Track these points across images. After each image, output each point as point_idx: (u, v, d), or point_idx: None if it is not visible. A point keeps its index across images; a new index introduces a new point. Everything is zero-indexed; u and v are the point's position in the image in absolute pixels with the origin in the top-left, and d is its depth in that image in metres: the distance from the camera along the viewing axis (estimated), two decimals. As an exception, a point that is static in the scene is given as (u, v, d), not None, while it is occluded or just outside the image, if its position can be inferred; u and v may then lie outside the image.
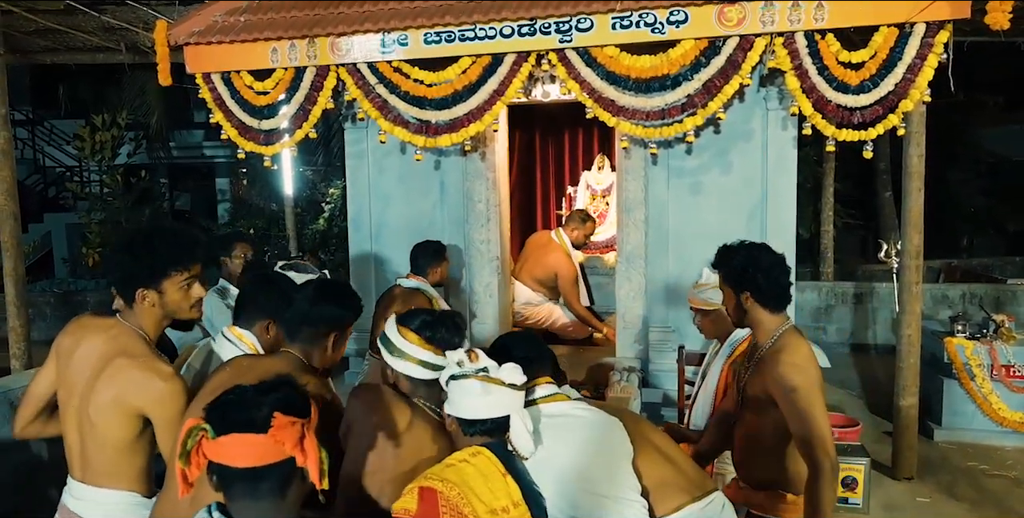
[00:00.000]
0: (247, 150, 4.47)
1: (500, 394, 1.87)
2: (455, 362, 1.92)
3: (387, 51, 4.08)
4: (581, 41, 3.81)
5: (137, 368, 1.97)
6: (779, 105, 4.13)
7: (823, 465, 2.16)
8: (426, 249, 4.06)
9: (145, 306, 2.05)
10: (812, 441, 2.18)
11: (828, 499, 2.18)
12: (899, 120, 3.57)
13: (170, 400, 1.96)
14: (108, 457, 2.03)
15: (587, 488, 1.96)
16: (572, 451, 1.98)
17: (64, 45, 6.07)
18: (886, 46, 3.48)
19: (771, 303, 2.38)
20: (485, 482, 1.77)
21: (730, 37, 3.65)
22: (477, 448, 1.86)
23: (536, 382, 2.09)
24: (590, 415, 2.08)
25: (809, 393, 2.22)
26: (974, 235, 13.29)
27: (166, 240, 2.08)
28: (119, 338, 2.03)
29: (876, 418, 5.81)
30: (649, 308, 4.49)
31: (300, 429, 1.34)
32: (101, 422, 1.99)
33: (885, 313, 8.15)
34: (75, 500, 2.08)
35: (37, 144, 14.89)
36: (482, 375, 1.88)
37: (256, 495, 1.33)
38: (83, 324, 2.12)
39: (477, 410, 1.87)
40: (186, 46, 4.37)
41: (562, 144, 6.60)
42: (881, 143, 8.89)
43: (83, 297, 9.43)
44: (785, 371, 2.24)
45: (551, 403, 2.06)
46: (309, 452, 1.33)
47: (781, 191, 4.22)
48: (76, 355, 2.05)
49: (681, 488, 2.13)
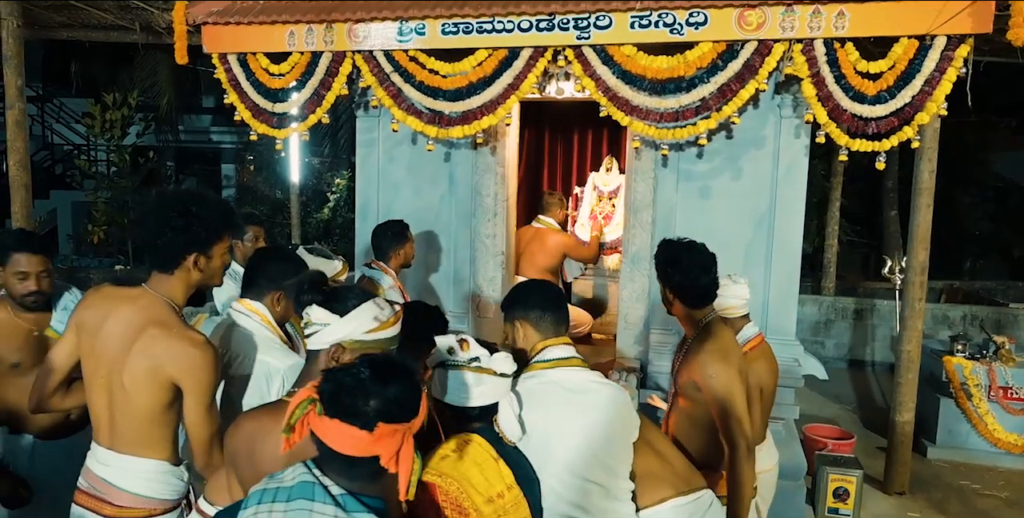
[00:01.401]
0: (259, 132, 4.46)
1: (491, 383, 1.86)
2: (445, 349, 1.88)
3: (404, 40, 4.07)
4: (599, 39, 3.80)
5: (172, 337, 1.98)
6: (793, 113, 4.11)
7: (739, 444, 2.37)
8: (385, 231, 3.90)
9: (192, 272, 2.06)
10: (729, 422, 2.37)
11: (746, 477, 2.38)
12: (914, 133, 3.55)
13: (203, 368, 1.98)
14: (138, 426, 2.04)
15: (585, 475, 1.95)
16: (581, 431, 1.95)
17: (79, 21, 6.06)
18: (905, 57, 3.47)
19: (689, 302, 2.56)
20: (480, 471, 1.76)
21: (748, 41, 3.64)
22: (468, 435, 1.85)
23: (554, 341, 2.08)
24: (606, 389, 2.05)
25: (728, 378, 2.40)
26: (978, 258, 13.26)
27: (218, 205, 2.11)
28: (149, 308, 2.03)
29: (870, 433, 5.81)
30: (651, 310, 4.47)
31: (400, 439, 1.31)
32: (135, 392, 2.00)
33: (884, 330, 8.14)
34: (102, 466, 2.10)
35: (46, 121, 14.88)
36: (475, 366, 1.86)
37: (349, 475, 1.33)
38: (107, 295, 2.12)
39: (467, 399, 1.85)
40: (204, 26, 4.37)
41: (571, 144, 6.59)
42: (890, 160, 8.84)
43: (86, 274, 9.44)
44: (706, 358, 2.43)
45: (567, 369, 2.03)
46: (403, 464, 1.31)
47: (790, 199, 4.21)
48: (104, 327, 2.05)
49: (667, 482, 2.15)
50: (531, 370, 2.05)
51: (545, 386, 1.99)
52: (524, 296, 2.16)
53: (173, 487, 2.12)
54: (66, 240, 13.04)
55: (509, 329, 2.15)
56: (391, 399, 1.30)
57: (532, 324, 2.10)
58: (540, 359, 2.06)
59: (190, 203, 2.03)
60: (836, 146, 3.70)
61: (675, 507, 2.12)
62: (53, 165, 15.07)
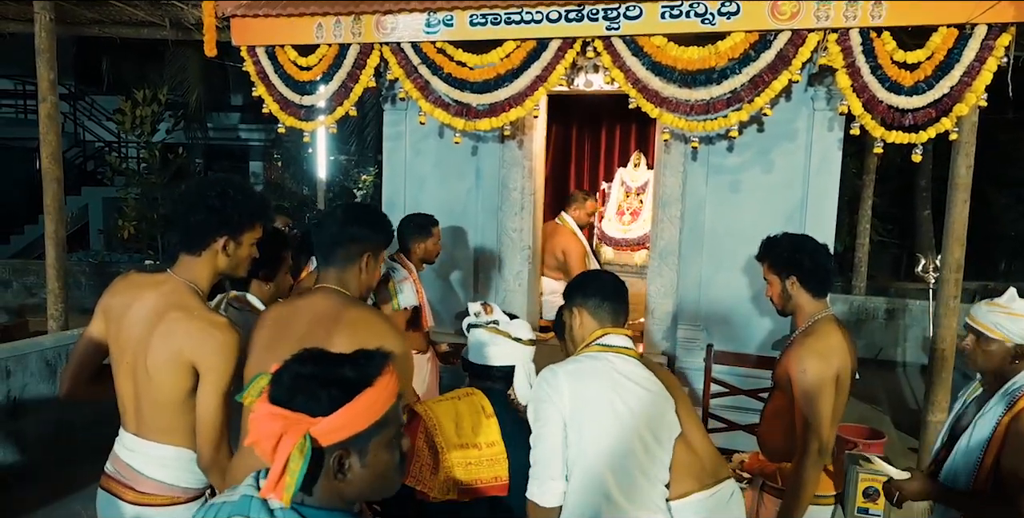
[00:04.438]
0: (287, 125, 4.47)
1: (506, 345, 2.16)
2: (474, 312, 2.24)
3: (432, 31, 4.05)
4: (629, 29, 3.75)
5: (193, 320, 1.96)
6: (827, 105, 4.03)
7: (811, 446, 2.33)
8: (408, 222, 3.84)
9: (218, 255, 2.05)
10: (808, 422, 2.34)
11: (809, 480, 2.35)
12: (952, 124, 3.46)
13: (221, 351, 1.95)
14: (163, 413, 2.03)
15: (623, 464, 1.94)
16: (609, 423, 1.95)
17: (110, 18, 6.13)
18: (944, 47, 3.38)
19: (815, 286, 2.51)
20: (461, 420, 2.05)
21: (782, 31, 3.57)
22: (473, 389, 2.16)
23: (613, 330, 2.10)
24: (656, 388, 2.03)
25: (820, 379, 2.34)
26: (1013, 259, 13.00)
27: (256, 195, 2.12)
28: (172, 293, 2.02)
29: (901, 434, 5.69)
30: (679, 305, 4.41)
31: (280, 427, 1.13)
32: (158, 377, 1.99)
33: (916, 331, 7.99)
34: (128, 452, 2.09)
35: (78, 118, 15.10)
36: (492, 327, 2.19)
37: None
38: (132, 282, 2.13)
39: (484, 355, 2.17)
40: (232, 18, 4.38)
41: (599, 139, 6.53)
42: (924, 159, 8.72)
43: (117, 269, 9.57)
44: (805, 354, 2.38)
45: (623, 356, 2.04)
46: (277, 457, 1.14)
47: (822, 194, 4.13)
48: (130, 313, 2.04)
49: (693, 475, 2.12)
50: (590, 350, 2.06)
51: (599, 363, 2.01)
52: (586, 284, 2.18)
53: (196, 475, 2.10)
54: (97, 235, 13.24)
55: (568, 315, 2.18)
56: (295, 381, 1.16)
57: (590, 312, 2.11)
58: (599, 342, 2.07)
59: (229, 187, 2.04)
60: (869, 143, 3.63)
61: (698, 501, 2.10)
62: (85, 162, 15.30)
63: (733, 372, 3.89)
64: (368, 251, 2.09)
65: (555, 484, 1.91)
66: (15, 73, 14.00)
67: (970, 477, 2.23)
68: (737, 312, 4.31)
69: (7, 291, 10.66)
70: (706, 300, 4.36)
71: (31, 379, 4.28)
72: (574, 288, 2.18)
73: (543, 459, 1.91)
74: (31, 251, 12.90)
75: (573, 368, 1.99)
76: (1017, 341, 2.22)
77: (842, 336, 2.47)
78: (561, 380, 1.93)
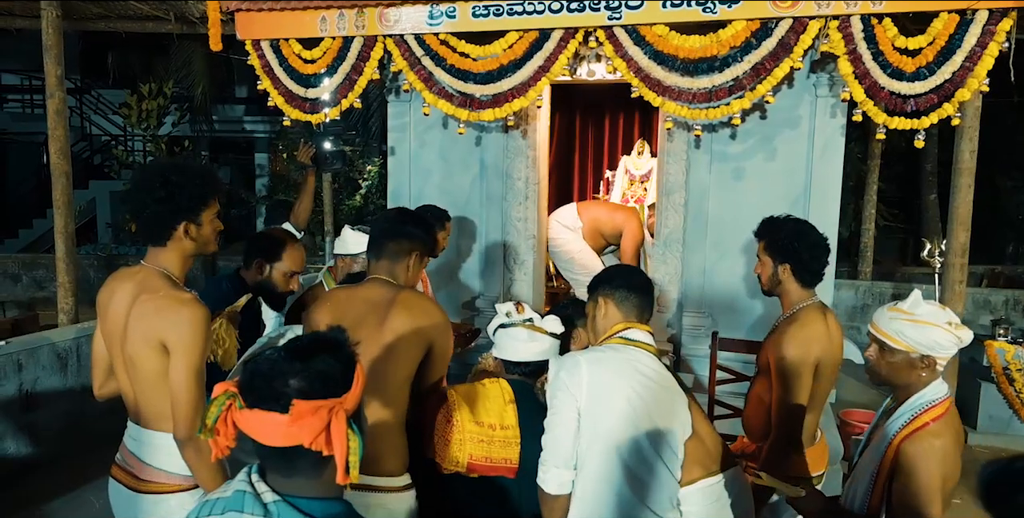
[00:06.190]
0: (292, 118, 4.50)
1: (543, 341, 2.26)
2: (504, 313, 2.30)
3: (435, 23, 4.07)
4: (630, 18, 3.76)
5: (159, 298, 1.99)
6: (829, 92, 4.04)
7: (779, 431, 2.40)
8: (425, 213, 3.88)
9: (184, 241, 2.07)
10: (780, 409, 2.38)
11: (773, 462, 2.38)
12: (954, 110, 3.47)
13: (187, 325, 1.94)
14: (152, 398, 2.05)
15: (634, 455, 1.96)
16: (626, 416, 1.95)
17: (116, 13, 6.16)
18: (945, 32, 3.39)
19: (806, 277, 2.51)
20: (482, 402, 2.18)
21: (783, 19, 3.58)
22: (498, 378, 2.27)
23: (637, 325, 2.10)
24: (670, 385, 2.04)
25: (796, 366, 2.36)
26: (1020, 243, 12.96)
27: (199, 172, 2.09)
28: (144, 280, 2.05)
29: (908, 419, 5.72)
30: (684, 293, 4.44)
31: (326, 417, 1.16)
32: (139, 361, 2.02)
33: (922, 316, 7.98)
34: (132, 441, 2.13)
35: (85, 112, 15.14)
36: (528, 324, 2.27)
37: (287, 473, 1.22)
38: (117, 276, 2.17)
39: (522, 353, 2.25)
40: (237, 12, 4.41)
41: (602, 128, 6.54)
42: (929, 143, 8.68)
43: (125, 261, 9.64)
44: (784, 340, 2.40)
45: (644, 352, 2.03)
46: (335, 443, 1.16)
47: (826, 181, 4.14)
48: (111, 305, 2.09)
49: (699, 462, 2.12)
50: (612, 342, 2.06)
51: (621, 355, 2.00)
52: (615, 276, 2.18)
53: None
54: (105, 229, 13.30)
55: (591, 306, 2.17)
56: (308, 375, 1.18)
57: (616, 303, 2.11)
58: (621, 335, 2.06)
59: (170, 173, 2.03)
60: (873, 128, 3.65)
61: (703, 488, 2.10)
62: (92, 155, 15.33)
63: (739, 359, 3.91)
64: (417, 251, 2.30)
65: (560, 472, 1.91)
66: (22, 68, 14.04)
67: (864, 499, 2.02)
68: (742, 299, 4.34)
69: (17, 285, 10.75)
70: (711, 287, 4.39)
71: (43, 372, 4.34)
72: (602, 279, 2.17)
73: (552, 446, 1.93)
74: (40, 245, 12.99)
75: (595, 358, 1.98)
76: (923, 352, 1.94)
77: (826, 325, 2.44)
78: (583, 369, 1.92)
